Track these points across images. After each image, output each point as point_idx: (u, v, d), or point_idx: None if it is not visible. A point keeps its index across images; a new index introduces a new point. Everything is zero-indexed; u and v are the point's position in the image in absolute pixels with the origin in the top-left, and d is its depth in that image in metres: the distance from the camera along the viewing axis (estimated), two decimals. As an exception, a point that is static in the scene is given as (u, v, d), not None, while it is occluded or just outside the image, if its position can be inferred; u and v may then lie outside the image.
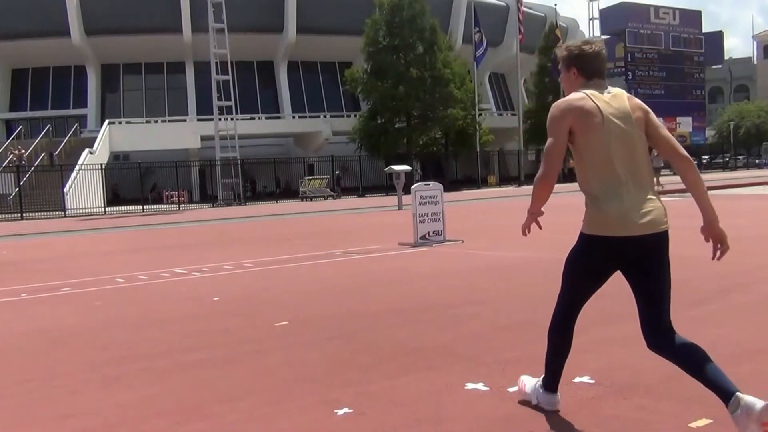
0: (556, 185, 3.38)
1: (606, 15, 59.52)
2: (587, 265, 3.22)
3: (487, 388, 3.83)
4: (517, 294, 6.88)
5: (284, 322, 5.95)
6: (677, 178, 3.28)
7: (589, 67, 3.25)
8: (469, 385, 3.90)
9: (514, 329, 5.32)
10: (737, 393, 2.84)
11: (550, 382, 3.48)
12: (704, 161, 60.29)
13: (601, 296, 5.50)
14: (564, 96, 3.31)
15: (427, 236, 11.67)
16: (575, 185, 3.30)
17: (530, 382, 3.62)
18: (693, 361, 3.00)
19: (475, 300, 6.67)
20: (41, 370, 4.84)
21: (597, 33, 58.38)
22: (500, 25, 56.97)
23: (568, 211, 3.21)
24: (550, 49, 49.84)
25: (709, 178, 38.78)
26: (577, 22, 66.83)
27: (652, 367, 4.08)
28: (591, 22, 57.98)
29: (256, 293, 7.87)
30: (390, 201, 27.66)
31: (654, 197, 3.11)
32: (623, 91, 3.25)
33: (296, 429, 3.43)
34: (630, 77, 59.84)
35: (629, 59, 59.95)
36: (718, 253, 3.19)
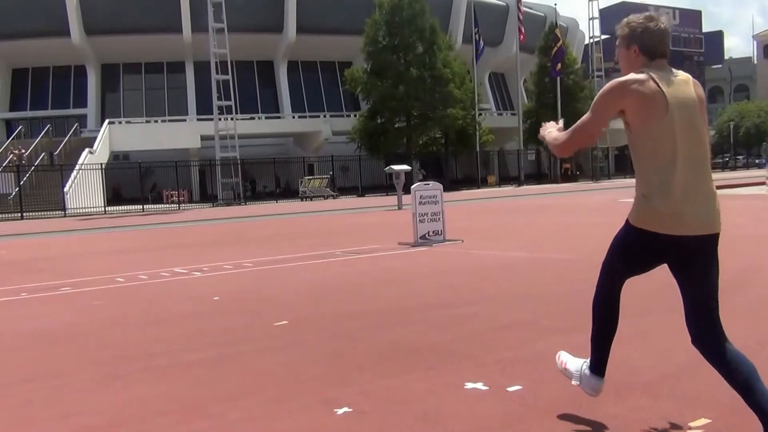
0: (553, 186, 3.38)
1: (606, 15, 59.53)
2: (633, 255, 3.05)
3: (487, 388, 3.84)
4: (516, 293, 6.88)
5: (284, 322, 5.96)
6: None
7: (652, 46, 2.95)
8: (469, 385, 3.91)
9: (513, 329, 5.33)
10: None
11: (598, 365, 3.26)
12: None
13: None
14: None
15: (426, 236, 11.68)
16: (572, 185, 3.32)
17: (573, 361, 3.44)
18: (740, 374, 2.81)
19: (474, 299, 6.68)
20: (41, 370, 4.85)
21: (597, 33, 58.35)
22: (500, 24, 56.99)
23: (566, 211, 3.20)
24: (549, 48, 49.87)
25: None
26: (577, 22, 66.84)
27: (650, 366, 4.10)
28: (591, 21, 57.97)
29: (256, 293, 7.87)
30: (390, 201, 27.66)
31: (712, 196, 2.89)
32: (689, 77, 2.98)
33: (296, 428, 3.44)
34: (630, 77, 59.85)
35: (629, 59, 59.94)
36: None
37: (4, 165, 36.70)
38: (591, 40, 59.12)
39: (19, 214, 31.90)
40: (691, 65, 64.33)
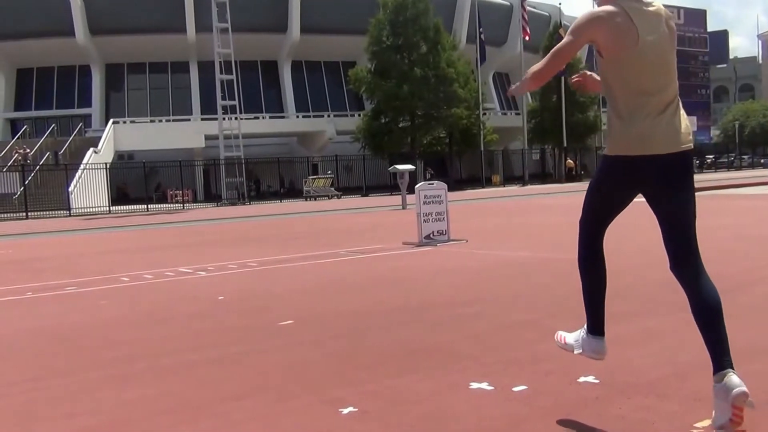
0: (558, 185, 3.37)
1: (610, 14, 59.32)
2: (610, 188, 3.14)
3: (492, 388, 3.83)
4: (520, 293, 6.87)
5: (288, 321, 5.95)
6: None
7: None
8: (474, 385, 3.90)
9: (518, 328, 5.32)
10: (728, 369, 2.83)
11: (595, 324, 3.33)
12: (709, 161, 60.12)
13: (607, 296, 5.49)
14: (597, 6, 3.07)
15: (431, 236, 11.68)
16: (576, 185, 3.32)
17: (571, 334, 3.51)
18: (706, 309, 2.94)
19: (479, 299, 6.67)
20: (46, 369, 4.85)
21: (601, 32, 58.26)
22: (504, 24, 57.01)
23: (570, 211, 3.22)
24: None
25: (714, 177, 38.80)
26: (581, 22, 66.71)
27: (656, 367, 4.09)
28: (595, 21, 57.84)
29: (261, 292, 7.87)
30: (394, 200, 27.67)
31: (680, 118, 3.01)
32: (662, 8, 3.04)
33: (301, 428, 3.44)
34: (634, 77, 59.75)
35: (633, 58, 59.84)
36: None
37: (8, 165, 36.82)
38: (595, 40, 59.02)
39: (24, 214, 32.02)
40: (696, 65, 64.09)
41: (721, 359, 2.86)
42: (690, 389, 3.64)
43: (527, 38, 49.31)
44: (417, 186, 12.13)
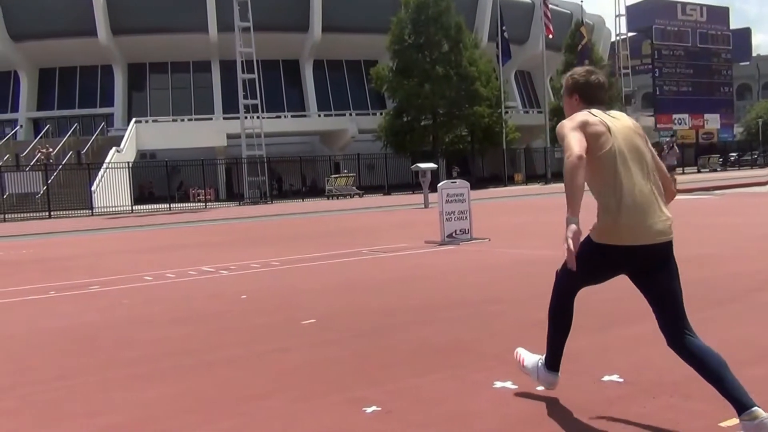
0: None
1: (633, 11, 58.94)
2: (594, 269, 3.29)
3: (516, 387, 3.81)
4: (543, 292, 6.80)
5: (311, 320, 5.96)
6: (690, 177, 3.28)
7: (591, 96, 3.35)
8: (498, 384, 3.88)
9: (541, 327, 5.25)
10: (755, 407, 2.86)
11: (553, 361, 3.58)
12: (732, 158, 59.51)
13: (625, 296, 5.45)
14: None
15: (453, 234, 11.64)
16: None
17: (530, 357, 3.71)
18: (711, 368, 3.04)
19: (502, 298, 6.64)
20: (69, 368, 4.88)
21: (623, 30, 57.89)
22: (526, 22, 56.73)
23: (592, 210, 3.20)
24: (576, 46, 49.57)
25: (737, 175, 38.38)
26: (603, 19, 66.31)
27: (680, 366, 4.03)
28: (617, 18, 57.42)
29: (283, 291, 7.89)
30: (416, 199, 27.64)
31: (663, 207, 3.19)
32: (621, 113, 3.37)
33: (326, 426, 3.43)
34: (657, 74, 59.28)
35: (656, 56, 59.35)
36: None
37: (32, 164, 37.14)
38: (617, 38, 58.63)
39: (47, 213, 32.25)
40: (718, 62, 63.41)
41: (742, 401, 2.91)
42: (714, 388, 3.60)
43: (550, 36, 49.03)
44: (439, 184, 12.10)
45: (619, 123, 3.24)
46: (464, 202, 11.88)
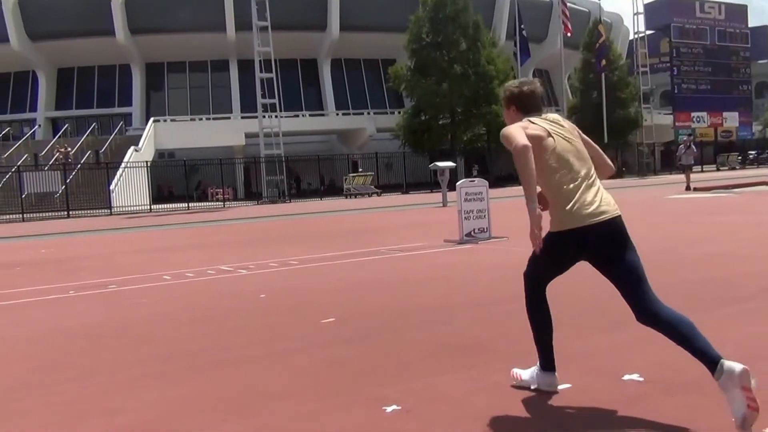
0: (605, 182, 3.49)
1: (651, 10, 58.50)
2: (557, 258, 3.60)
3: (535, 386, 3.79)
4: (562, 291, 6.77)
5: (330, 319, 5.96)
6: (707, 175, 3.29)
7: (526, 105, 3.70)
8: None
9: (559, 327, 5.24)
10: (721, 360, 3.08)
11: (546, 361, 3.71)
12: (751, 156, 58.99)
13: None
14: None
15: (472, 233, 11.61)
16: (617, 182, 3.27)
17: (526, 371, 3.84)
18: (680, 332, 3.26)
19: (520, 297, 6.59)
20: (88, 367, 4.91)
21: (641, 28, 57.44)
22: (544, 20, 56.51)
23: (623, 206, 3.18)
24: (594, 44, 49.28)
25: (756, 173, 37.97)
26: (621, 18, 65.95)
27: (700, 364, 4.00)
28: (635, 17, 57.00)
29: (302, 290, 7.90)
30: (434, 198, 27.62)
31: (606, 194, 3.53)
32: (557, 115, 3.77)
33: (346, 425, 3.43)
34: (675, 72, 58.84)
35: (674, 54, 58.90)
36: None
37: (50, 163, 37.41)
38: (636, 36, 58.22)
39: (66, 213, 32.47)
40: (737, 60, 62.83)
41: (711, 357, 3.13)
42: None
43: (569, 34, 48.78)
44: (458, 183, 12.07)
45: (556, 125, 3.59)
46: (483, 200, 11.85)
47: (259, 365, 4.65)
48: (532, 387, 3.74)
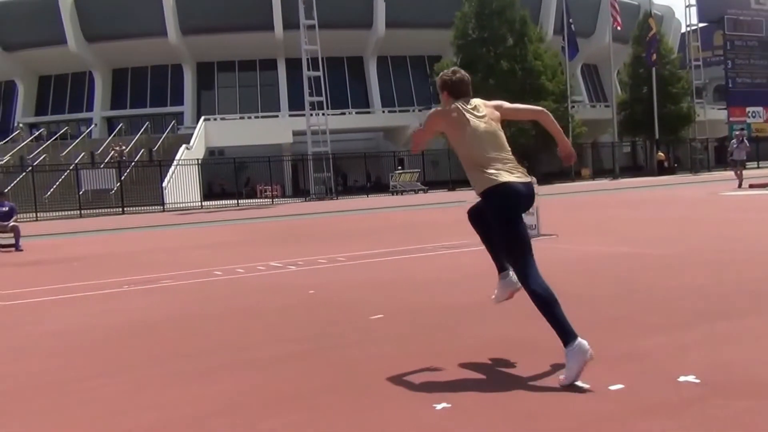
0: (650, 179, 3.43)
1: (703, 2, 57.19)
2: (510, 204, 4.19)
3: (588, 386, 3.75)
4: (613, 289, 6.71)
5: (379, 315, 5.98)
6: (762, 172, 3.20)
7: (457, 91, 4.40)
8: (569, 382, 3.83)
9: (611, 325, 5.20)
10: (578, 338, 3.86)
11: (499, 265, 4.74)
12: None
13: (701, 294, 5.39)
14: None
15: (519, 230, 11.50)
16: (669, 178, 3.23)
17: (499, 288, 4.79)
18: (550, 305, 4.03)
19: (570, 294, 6.53)
20: (139, 360, 5.00)
21: (694, 20, 56.22)
22: (592, 14, 55.76)
23: (663, 205, 3.11)
24: (644, 38, 48.48)
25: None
26: (672, 10, 64.72)
27: (762, 366, 3.93)
28: (687, 9, 55.81)
29: (351, 286, 7.94)
30: (480, 195, 27.42)
31: (515, 168, 4.25)
32: (480, 100, 4.44)
33: (395, 422, 3.43)
34: (729, 66, 57.48)
35: (728, 47, 57.50)
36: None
37: (106, 161, 38.30)
38: (688, 29, 57.02)
39: (121, 209, 33.21)
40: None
41: (567, 331, 3.93)
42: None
43: (619, 27, 48.02)
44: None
45: (475, 111, 4.31)
46: (531, 197, 11.72)
47: (308, 360, 4.68)
48: (494, 298, 4.76)
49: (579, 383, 3.78)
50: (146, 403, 3.98)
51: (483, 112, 4.33)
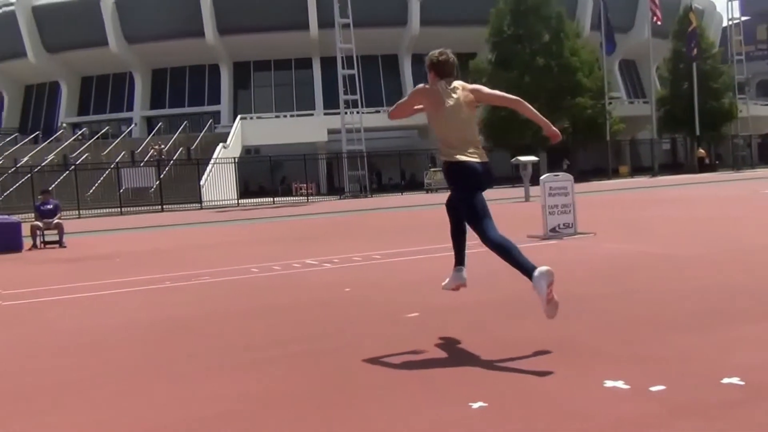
0: (690, 176, 3.36)
1: (746, -5, 56.35)
2: (472, 180, 4.75)
3: (628, 387, 3.68)
4: (652, 288, 6.62)
5: (414, 314, 5.96)
6: None
7: (442, 71, 4.88)
8: (608, 383, 3.76)
9: (650, 325, 5.11)
10: (536, 268, 4.48)
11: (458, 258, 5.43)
12: None
13: (743, 292, 5.27)
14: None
15: (557, 228, 11.43)
16: (710, 176, 3.16)
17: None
18: (512, 252, 4.65)
19: (609, 294, 6.47)
20: (179, 354, 5.04)
21: (736, 15, 55.29)
22: (630, 9, 55.14)
23: (704, 204, 3.04)
24: (684, 33, 47.74)
25: None
26: (713, 4, 63.73)
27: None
28: (729, 3, 54.86)
29: (386, 284, 7.93)
30: (516, 192, 27.33)
31: (476, 149, 4.81)
32: (461, 83, 4.93)
33: (432, 420, 3.41)
34: (773, 60, 56.45)
35: (772, 41, 56.54)
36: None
37: (145, 160, 38.86)
38: (730, 23, 56.06)
39: (160, 206, 33.67)
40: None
41: (528, 267, 4.55)
42: None
43: (659, 22, 47.31)
44: (542, 177, 11.89)
45: (452, 94, 4.79)
46: (568, 195, 11.64)
47: (344, 357, 4.66)
48: (446, 286, 5.35)
49: (620, 384, 3.72)
50: (174, 400, 4.00)
51: (457, 94, 4.80)
